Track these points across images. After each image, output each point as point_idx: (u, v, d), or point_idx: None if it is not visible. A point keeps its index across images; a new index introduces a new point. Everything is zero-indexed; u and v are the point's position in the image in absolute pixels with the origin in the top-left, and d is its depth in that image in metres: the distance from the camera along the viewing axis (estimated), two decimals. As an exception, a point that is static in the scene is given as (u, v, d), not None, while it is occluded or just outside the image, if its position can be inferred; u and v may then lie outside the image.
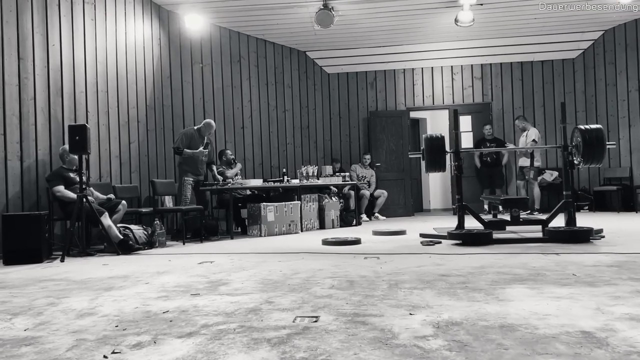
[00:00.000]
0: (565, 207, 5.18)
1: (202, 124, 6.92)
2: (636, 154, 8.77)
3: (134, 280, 3.54)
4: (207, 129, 6.88)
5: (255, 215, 6.73)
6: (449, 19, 8.17)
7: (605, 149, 4.98)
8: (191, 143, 6.71)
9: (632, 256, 3.83)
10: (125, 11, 6.97)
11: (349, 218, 7.98)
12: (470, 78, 9.86)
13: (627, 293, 2.60)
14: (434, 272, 3.45)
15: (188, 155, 6.64)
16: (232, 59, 8.66)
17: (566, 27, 8.97)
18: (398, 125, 9.91)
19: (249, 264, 4.10)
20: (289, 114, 9.52)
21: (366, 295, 2.78)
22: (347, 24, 8.41)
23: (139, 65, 7.19)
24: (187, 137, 6.75)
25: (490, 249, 4.58)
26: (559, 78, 9.58)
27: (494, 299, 2.58)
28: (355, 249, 4.91)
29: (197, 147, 6.70)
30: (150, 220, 6.29)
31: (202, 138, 6.83)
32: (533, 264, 3.61)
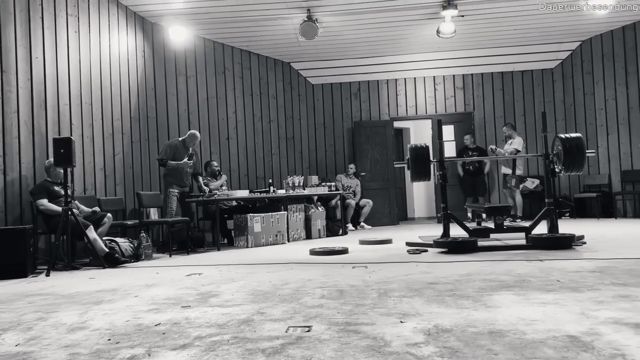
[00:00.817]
0: (547, 214, 5.29)
1: (187, 135, 6.91)
2: (614, 161, 8.98)
3: (122, 293, 3.53)
4: (192, 140, 6.88)
5: (242, 226, 6.73)
6: (431, 30, 8.31)
7: (585, 157, 5.10)
8: (176, 154, 6.69)
9: (613, 261, 3.92)
10: (109, 23, 6.96)
11: (335, 227, 8.02)
12: (453, 88, 10.01)
13: (610, 298, 2.67)
14: (422, 280, 3.50)
15: (172, 167, 6.62)
16: (216, 70, 8.69)
17: (545, 38, 9.19)
18: (382, 135, 10.01)
19: (238, 275, 4.11)
20: (274, 124, 9.56)
21: (357, 304, 2.82)
22: (331, 35, 8.50)
23: (123, 77, 7.18)
24: (171, 149, 6.73)
25: (475, 256, 4.65)
26: (538, 88, 9.78)
27: (482, 306, 2.63)
28: (343, 259, 4.94)
29: (182, 159, 6.69)
30: (135, 232, 6.25)
31: (187, 149, 6.82)
32: (518, 271, 3.68)
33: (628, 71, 8.75)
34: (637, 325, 2.13)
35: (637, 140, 8.65)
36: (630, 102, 8.73)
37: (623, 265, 3.73)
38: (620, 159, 8.90)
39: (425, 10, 7.76)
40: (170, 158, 6.63)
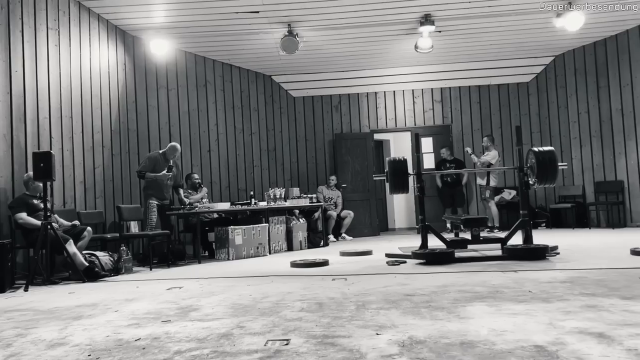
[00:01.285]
0: (522, 225, 5.43)
1: (167, 148, 6.92)
2: (588, 173, 9.22)
3: (102, 308, 3.54)
4: (172, 152, 6.88)
5: (223, 238, 6.75)
6: (409, 45, 8.48)
7: (557, 169, 5.27)
8: (156, 167, 6.69)
9: (583, 272, 4.05)
10: (89, 37, 6.98)
11: (317, 239, 8.08)
12: (431, 101, 10.20)
13: (578, 308, 2.78)
14: (399, 292, 3.58)
15: (151, 179, 6.62)
16: (197, 83, 8.73)
17: (520, 53, 9.43)
18: (363, 147, 10.13)
19: (219, 289, 4.14)
20: (256, 137, 9.62)
21: (335, 316, 2.88)
22: (311, 49, 8.62)
23: (104, 90, 7.18)
24: (151, 161, 6.73)
25: (452, 267, 4.75)
26: (514, 101, 10.02)
27: (455, 317, 2.72)
28: (323, 271, 5.00)
29: (162, 171, 6.69)
30: (116, 246, 6.23)
31: (167, 161, 6.82)
32: (493, 282, 3.79)
33: (600, 85, 9.02)
34: (601, 334, 2.24)
35: (609, 152, 8.91)
36: (602, 115, 8.99)
37: (593, 275, 3.86)
38: (594, 171, 9.14)
39: (404, 26, 7.93)
40: (149, 170, 6.63)
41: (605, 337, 2.19)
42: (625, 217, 8.70)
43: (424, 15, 7.57)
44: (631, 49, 8.50)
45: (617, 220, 8.72)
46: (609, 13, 7.78)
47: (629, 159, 8.60)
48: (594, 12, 7.59)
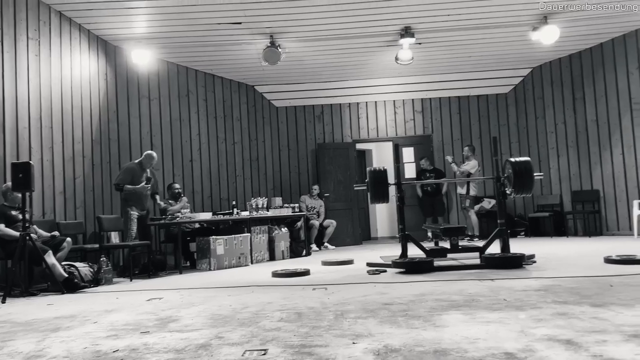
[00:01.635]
0: (499, 234, 5.53)
1: (143, 156, 6.82)
2: (565, 182, 9.40)
3: (81, 319, 3.53)
4: (149, 160, 6.77)
5: (205, 248, 6.74)
6: (390, 57, 8.60)
7: (533, 179, 5.38)
8: (134, 178, 6.58)
9: (558, 280, 4.15)
10: (70, 47, 6.96)
11: (299, 249, 8.11)
12: (412, 112, 10.33)
13: (549, 315, 2.86)
14: (378, 301, 3.63)
15: (129, 191, 6.54)
16: (180, 93, 8.74)
17: (498, 65, 9.62)
18: (345, 156, 10.21)
19: (199, 299, 4.15)
20: (238, 146, 9.64)
21: (313, 326, 2.92)
22: (294, 60, 8.70)
23: (85, 100, 7.16)
24: (128, 172, 6.62)
25: (431, 276, 4.82)
26: (493, 111, 10.20)
27: (431, 326, 2.77)
28: (304, 280, 5.04)
29: (140, 181, 6.61)
30: (96, 257, 6.19)
31: (144, 171, 6.73)
32: (469, 290, 3.86)
33: (575, 97, 9.24)
34: (569, 341, 2.31)
35: (585, 162, 9.10)
36: (578, 126, 9.20)
37: (566, 283, 3.96)
38: (571, 180, 9.33)
39: (385, 38, 8.05)
40: (128, 182, 6.53)
41: (572, 344, 2.26)
42: (601, 225, 8.88)
43: (404, 27, 7.70)
44: (605, 62, 8.73)
45: (593, 228, 8.90)
46: (584, 27, 7.99)
47: (604, 169, 8.80)
48: (569, 25, 7.79)
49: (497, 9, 7.22)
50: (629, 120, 8.37)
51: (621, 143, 8.50)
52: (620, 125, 8.52)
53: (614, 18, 7.72)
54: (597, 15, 7.56)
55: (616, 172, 8.60)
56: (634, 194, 8.27)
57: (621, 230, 8.56)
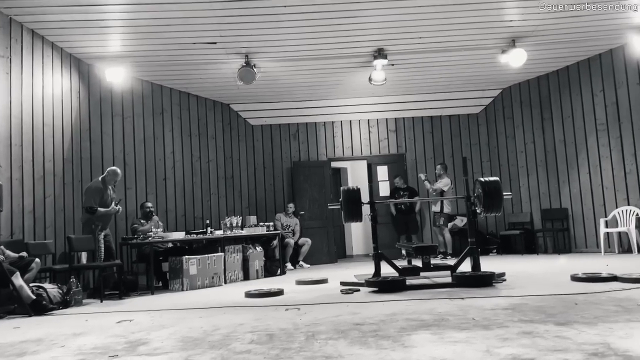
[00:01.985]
0: (470, 253, 5.62)
1: (106, 173, 6.76)
2: (535, 200, 9.62)
3: (48, 343, 3.46)
4: (113, 177, 6.70)
5: (177, 268, 6.68)
6: (364, 77, 8.75)
7: (502, 199, 5.51)
8: (103, 197, 6.56)
9: (525, 298, 4.23)
10: (43, 65, 6.90)
11: (274, 268, 8.09)
12: (386, 131, 10.48)
13: (515, 334, 2.92)
14: (349, 321, 3.65)
15: (102, 214, 6.48)
16: (154, 111, 8.71)
17: (469, 86, 9.86)
18: (320, 175, 10.28)
19: (170, 321, 4.11)
20: (213, 164, 9.62)
21: (284, 348, 2.93)
22: (269, 79, 8.77)
23: (57, 118, 7.08)
24: (97, 193, 6.55)
25: (404, 295, 4.87)
26: (465, 131, 10.42)
27: (399, 346, 2.81)
28: (277, 301, 5.03)
29: (106, 199, 6.57)
30: (65, 277, 6.08)
31: (106, 188, 6.67)
32: (439, 310, 3.91)
33: (544, 117, 9.51)
34: (532, 360, 2.37)
35: (554, 180, 9.34)
36: (547, 145, 9.46)
37: (533, 302, 4.04)
38: (540, 198, 9.55)
39: (358, 59, 8.19)
40: (98, 203, 6.48)
41: (535, 363, 2.32)
42: (570, 243, 9.09)
43: (377, 49, 7.86)
44: (571, 84, 9.03)
45: (562, 246, 9.10)
46: (551, 50, 8.27)
47: (572, 188, 9.04)
48: (536, 49, 8.05)
49: (467, 33, 7.43)
50: (595, 140, 8.65)
51: (587, 162, 8.76)
52: (587, 145, 8.79)
53: (579, 42, 8.02)
54: (563, 39, 7.84)
55: (583, 191, 8.85)
56: (601, 212, 8.51)
57: (589, 248, 8.78)
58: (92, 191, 6.60)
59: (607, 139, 8.45)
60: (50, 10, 6.20)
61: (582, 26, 7.38)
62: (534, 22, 7.18)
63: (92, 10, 6.25)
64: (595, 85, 8.64)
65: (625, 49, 8.09)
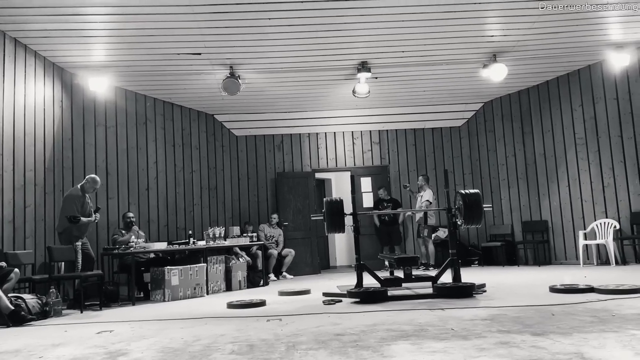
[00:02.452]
0: (451, 264, 5.68)
1: (85, 181, 6.69)
2: (516, 212, 9.76)
3: (26, 354, 3.42)
4: (92, 185, 6.63)
5: (159, 279, 6.64)
6: (348, 90, 8.83)
7: (482, 211, 5.59)
8: (83, 206, 6.54)
9: (504, 309, 4.29)
10: (25, 73, 6.86)
11: (257, 278, 8.07)
12: (370, 142, 10.57)
13: (492, 345, 2.97)
14: (330, 331, 3.67)
15: (84, 223, 6.45)
16: (137, 120, 8.69)
17: (452, 99, 10.01)
18: (304, 185, 10.31)
19: (150, 332, 4.09)
20: (196, 175, 9.60)
21: (264, 358, 2.93)
22: (253, 90, 8.81)
23: (38, 127, 7.03)
24: (78, 201, 6.49)
25: (385, 306, 4.90)
26: (447, 144, 10.55)
27: (379, 356, 2.83)
28: (259, 312, 5.03)
29: (87, 208, 6.55)
30: (45, 288, 6.00)
31: (84, 196, 6.61)
32: (419, 320, 3.95)
33: (524, 131, 9.67)
34: (507, 369, 2.41)
35: (534, 193, 9.49)
36: (527, 159, 9.61)
37: (512, 312, 4.10)
38: (521, 211, 9.68)
39: (342, 72, 8.28)
40: (79, 212, 6.45)
41: (510, 372, 2.36)
42: (550, 254, 9.22)
43: (360, 62, 7.95)
44: (551, 98, 9.21)
45: (542, 257, 9.23)
46: (531, 65, 8.45)
47: (552, 200, 9.19)
48: (517, 64, 8.22)
49: (449, 47, 7.56)
50: (574, 154, 8.82)
51: (567, 176, 8.92)
52: (566, 159, 8.95)
53: (559, 58, 8.21)
54: (543, 55, 8.01)
55: (563, 204, 9.00)
56: (579, 225, 8.66)
57: (568, 259, 8.91)
58: (72, 199, 6.53)
59: (586, 153, 8.62)
60: (33, 19, 6.18)
61: (561, 42, 7.55)
62: (515, 37, 7.33)
63: (76, 19, 6.25)
64: (574, 100, 8.83)
65: (603, 65, 8.30)
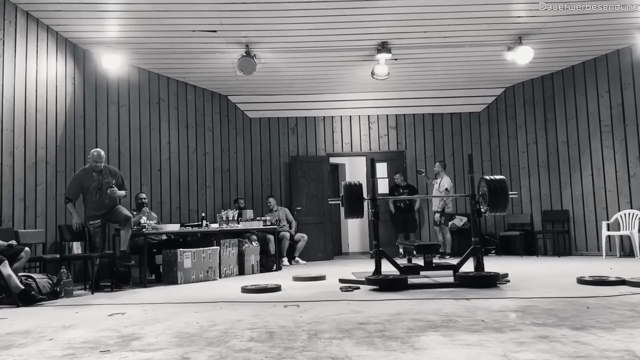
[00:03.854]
0: (474, 252, 5.48)
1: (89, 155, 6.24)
2: (536, 202, 9.50)
3: (36, 336, 3.28)
4: (93, 159, 6.05)
5: (172, 261, 6.50)
6: (366, 71, 8.58)
7: (508, 198, 5.36)
8: (85, 183, 6.03)
9: (534, 300, 4.09)
10: (37, 48, 6.68)
11: (269, 263, 7.91)
12: (386, 127, 10.32)
13: (530, 338, 2.77)
14: (352, 320, 3.50)
15: (70, 211, 6.07)
16: (150, 100, 8.51)
17: (472, 83, 9.71)
18: (318, 170, 10.11)
19: (164, 316, 3.94)
20: (209, 157, 9.43)
21: (286, 347, 2.76)
22: (269, 71, 8.58)
23: (50, 104, 6.87)
24: (75, 182, 6.10)
25: (406, 294, 4.72)
26: (466, 130, 10.27)
27: (409, 348, 2.65)
28: (275, 297, 4.87)
29: (91, 185, 6.04)
30: (55, 268, 5.89)
31: (93, 172, 6.09)
32: (445, 310, 3.76)
33: (547, 117, 9.37)
34: (554, 366, 2.22)
35: (555, 182, 9.22)
36: (549, 146, 9.33)
37: (543, 304, 3.90)
38: (541, 200, 9.42)
39: (362, 52, 8.02)
40: (76, 191, 6.05)
41: (558, 370, 2.17)
42: (570, 245, 8.98)
43: (381, 42, 7.69)
44: (576, 84, 8.90)
45: (562, 248, 8.98)
46: (557, 49, 8.14)
47: (574, 190, 8.92)
48: (543, 47, 7.91)
49: (473, 28, 7.28)
50: (599, 142, 8.52)
51: (590, 164, 8.64)
52: (590, 147, 8.66)
53: (586, 42, 7.89)
54: (570, 38, 7.70)
55: (585, 193, 8.73)
56: (602, 215, 8.39)
57: (589, 251, 8.67)
58: (74, 178, 6.21)
59: (612, 141, 8.33)
60: (46, -9, 5.99)
61: (590, 24, 7.24)
62: (542, 19, 7.03)
63: (90, -8, 6.05)
64: (600, 86, 8.52)
65: (633, 50, 7.97)
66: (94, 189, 6.08)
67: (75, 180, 6.18)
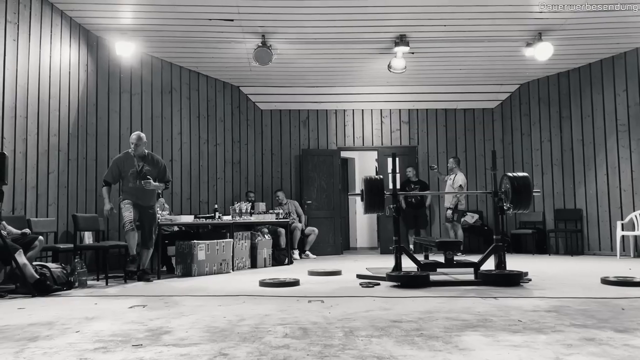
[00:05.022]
0: (495, 250, 5.39)
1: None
2: (548, 200, 9.41)
3: (61, 327, 3.19)
4: (133, 142, 5.83)
5: (185, 253, 6.40)
6: (382, 64, 8.46)
7: (532, 195, 5.28)
8: (125, 167, 5.78)
9: (564, 300, 4.01)
10: (51, 34, 6.56)
11: (281, 257, 7.83)
12: (398, 122, 10.21)
13: (576, 340, 2.69)
14: (384, 317, 3.41)
15: (104, 196, 5.75)
16: (163, 89, 8.39)
17: (487, 79, 9.60)
18: (329, 164, 10.01)
19: (187, 309, 3.85)
20: (220, 148, 9.32)
21: (325, 344, 2.68)
22: (283, 62, 8.46)
23: (63, 90, 6.76)
24: (115, 165, 5.85)
25: (429, 291, 4.64)
26: (479, 126, 10.17)
27: (454, 348, 2.57)
28: (295, 291, 4.78)
29: (129, 170, 5.78)
30: (67, 257, 5.79)
31: (132, 158, 5.84)
32: (477, 309, 3.68)
33: (562, 115, 9.28)
34: (614, 371, 2.14)
35: (569, 180, 9.13)
36: (564, 144, 9.23)
37: (574, 304, 3.82)
38: (554, 198, 9.34)
39: (379, 45, 7.91)
40: (116, 176, 5.80)
41: (619, 375, 2.09)
42: (583, 244, 8.90)
43: (399, 35, 7.58)
44: (593, 82, 8.79)
45: (575, 247, 8.91)
46: (575, 46, 8.03)
47: (588, 189, 8.83)
48: (561, 44, 7.80)
49: (493, 23, 7.17)
50: (615, 141, 8.43)
51: (606, 163, 8.55)
52: (606, 146, 8.57)
53: (605, 39, 7.78)
54: (589, 35, 7.59)
55: (600, 193, 8.64)
56: (617, 215, 8.32)
57: (603, 250, 8.60)
58: (112, 162, 5.96)
59: (628, 140, 8.24)
60: (63, -25, 5.86)
61: (610, 22, 7.14)
62: (564, 14, 6.92)
63: (108, -23, 5.92)
64: (618, 84, 8.42)
65: (653, 49, 7.87)
66: (131, 174, 5.79)
67: (114, 163, 5.89)
